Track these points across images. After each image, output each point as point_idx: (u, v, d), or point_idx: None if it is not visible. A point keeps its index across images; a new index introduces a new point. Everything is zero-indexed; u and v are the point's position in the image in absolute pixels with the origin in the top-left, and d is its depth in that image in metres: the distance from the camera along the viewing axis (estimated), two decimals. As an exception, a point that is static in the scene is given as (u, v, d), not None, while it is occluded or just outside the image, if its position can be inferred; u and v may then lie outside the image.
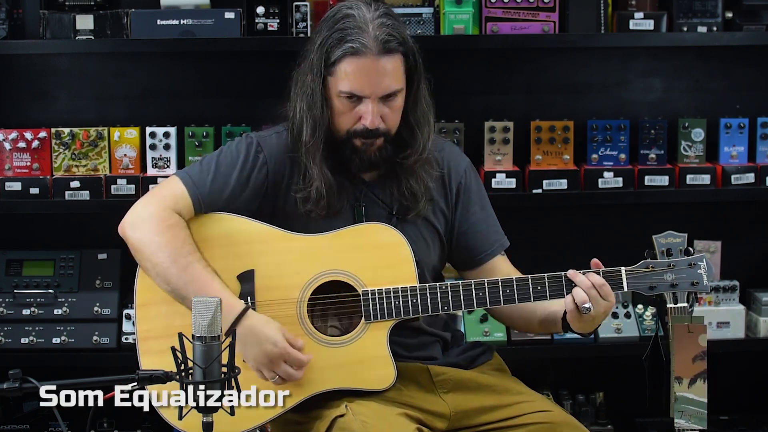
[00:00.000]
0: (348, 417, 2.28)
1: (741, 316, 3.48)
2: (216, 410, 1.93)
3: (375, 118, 2.37)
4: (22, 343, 3.29)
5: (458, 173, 2.58)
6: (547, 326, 2.52)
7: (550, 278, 2.40)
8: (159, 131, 3.32)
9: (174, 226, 2.36)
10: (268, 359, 2.30)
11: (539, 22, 3.29)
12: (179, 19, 3.21)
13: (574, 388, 3.61)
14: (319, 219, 2.45)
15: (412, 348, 2.49)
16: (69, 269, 3.38)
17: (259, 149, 2.48)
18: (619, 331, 3.43)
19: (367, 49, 2.34)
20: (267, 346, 2.29)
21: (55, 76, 3.50)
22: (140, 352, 2.39)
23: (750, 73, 3.59)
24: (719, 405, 3.52)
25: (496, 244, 2.59)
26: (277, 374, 2.32)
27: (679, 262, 2.39)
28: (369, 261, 2.40)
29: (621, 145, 3.40)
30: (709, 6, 3.35)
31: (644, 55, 3.57)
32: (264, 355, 2.30)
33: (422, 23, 3.29)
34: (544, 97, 3.57)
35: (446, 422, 2.42)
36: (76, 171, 3.30)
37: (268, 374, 2.32)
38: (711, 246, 3.54)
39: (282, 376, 2.32)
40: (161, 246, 2.33)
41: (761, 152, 3.44)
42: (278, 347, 2.30)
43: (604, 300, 2.34)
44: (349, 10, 2.39)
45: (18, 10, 3.37)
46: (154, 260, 2.34)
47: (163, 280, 2.34)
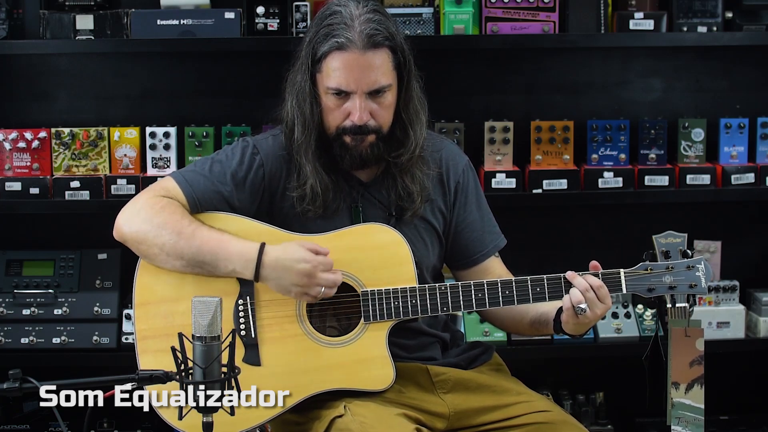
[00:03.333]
0: (347, 417, 2.28)
1: (741, 316, 3.48)
2: (216, 410, 1.94)
3: (363, 114, 2.37)
4: (22, 343, 3.29)
5: (457, 172, 2.58)
6: (538, 327, 2.52)
7: (549, 280, 2.40)
8: (159, 131, 3.32)
9: (167, 206, 2.35)
10: (307, 277, 2.29)
11: (539, 22, 3.29)
12: (179, 19, 3.21)
13: (574, 388, 3.61)
14: (316, 220, 2.45)
15: (411, 349, 2.49)
16: (69, 269, 3.38)
17: (255, 151, 2.48)
18: (619, 331, 3.43)
19: (352, 44, 2.34)
20: (300, 266, 2.28)
21: (55, 76, 3.50)
22: (139, 352, 2.39)
23: (750, 73, 3.59)
24: (719, 405, 3.53)
25: (491, 245, 2.59)
26: (322, 285, 2.30)
27: (678, 265, 2.39)
28: (368, 261, 2.40)
29: (621, 145, 3.40)
30: (709, 6, 3.35)
31: (644, 55, 3.57)
32: (301, 275, 2.28)
33: (422, 23, 3.29)
34: (544, 97, 3.57)
35: (445, 422, 2.41)
36: (76, 171, 3.31)
37: (314, 291, 2.30)
38: (711, 246, 3.54)
39: (326, 285, 2.30)
40: (161, 226, 2.33)
41: (761, 152, 3.44)
42: (310, 261, 2.29)
43: (600, 302, 2.34)
44: (337, 8, 2.39)
45: (18, 10, 3.38)
46: (160, 242, 2.33)
47: (176, 257, 2.32)
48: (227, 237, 2.33)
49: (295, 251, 2.30)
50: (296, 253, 2.30)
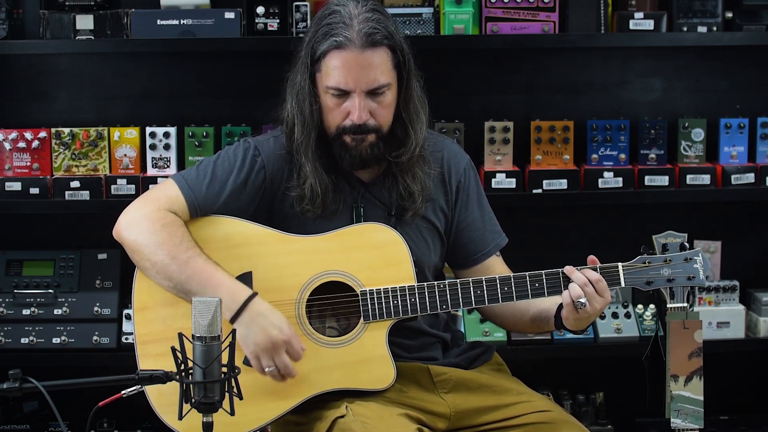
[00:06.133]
0: (348, 417, 2.28)
1: (741, 316, 3.48)
2: (216, 410, 1.94)
3: (362, 113, 2.37)
4: (22, 343, 3.29)
5: (458, 172, 2.58)
6: (539, 324, 2.52)
7: (547, 275, 2.40)
8: (159, 131, 3.32)
9: (170, 225, 2.35)
10: (272, 345, 2.27)
11: (539, 22, 3.29)
12: (179, 19, 3.21)
13: (574, 388, 3.60)
14: (316, 220, 2.45)
15: (412, 349, 2.49)
16: (69, 269, 3.38)
17: (256, 153, 2.48)
18: (619, 331, 3.43)
19: (351, 43, 2.34)
20: (273, 332, 2.27)
21: (55, 76, 3.50)
22: (139, 356, 2.38)
23: (750, 73, 3.59)
24: (719, 405, 3.53)
25: (492, 244, 2.59)
26: (275, 364, 2.29)
27: (676, 257, 2.40)
28: (367, 261, 2.40)
29: (621, 145, 3.40)
30: (709, 6, 3.35)
31: (644, 55, 3.57)
32: (268, 340, 2.27)
33: (422, 23, 3.29)
34: (544, 97, 3.57)
35: (446, 422, 2.41)
36: (76, 171, 3.31)
37: (266, 362, 2.29)
38: (711, 246, 3.54)
39: (279, 367, 2.29)
40: (158, 244, 2.33)
41: (761, 152, 3.44)
42: (284, 333, 2.28)
43: (599, 296, 2.34)
44: (336, 7, 2.40)
45: (18, 10, 3.37)
46: (153, 259, 2.33)
47: (164, 278, 2.33)
48: (221, 274, 2.32)
49: (278, 318, 2.29)
50: (277, 320, 2.29)
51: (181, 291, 2.33)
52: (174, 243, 2.33)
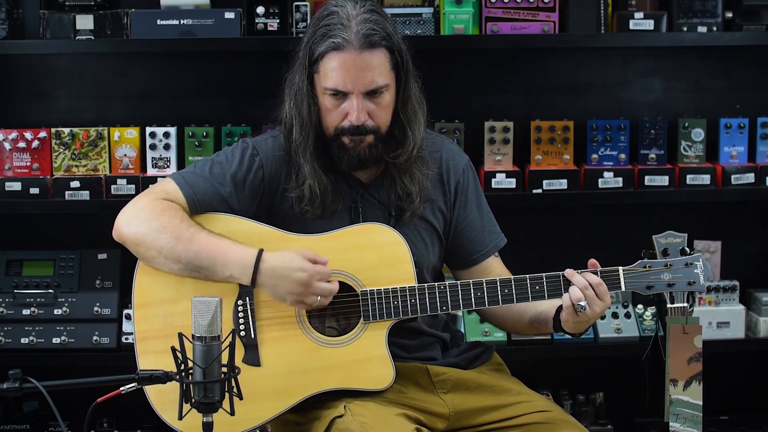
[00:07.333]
0: (347, 417, 2.28)
1: (741, 316, 3.48)
2: (216, 410, 1.94)
3: (360, 114, 2.37)
4: (22, 343, 3.29)
5: (457, 172, 2.58)
6: (537, 326, 2.52)
7: (548, 278, 2.40)
8: (159, 131, 3.32)
9: (167, 209, 2.35)
10: (303, 286, 2.28)
11: (539, 22, 3.29)
12: (179, 19, 3.21)
13: (574, 388, 3.61)
14: (315, 220, 2.45)
15: (411, 349, 2.49)
16: (69, 269, 3.38)
17: (254, 152, 2.48)
18: (619, 331, 3.43)
19: (349, 44, 2.34)
20: (297, 275, 2.27)
21: (55, 76, 3.50)
22: (138, 353, 2.38)
23: (750, 73, 3.59)
24: (719, 405, 3.53)
25: (491, 245, 2.59)
26: (317, 295, 2.29)
27: (676, 262, 2.40)
28: (367, 261, 2.40)
29: (621, 145, 3.40)
30: (709, 6, 3.35)
31: (644, 55, 3.57)
32: (298, 284, 2.27)
33: (422, 23, 3.29)
34: (544, 97, 3.57)
35: (446, 422, 2.41)
36: (76, 171, 3.31)
37: (310, 300, 2.30)
38: (711, 246, 3.54)
39: (321, 294, 2.30)
40: (160, 230, 2.32)
41: (761, 152, 3.44)
42: (307, 270, 2.28)
43: (600, 300, 2.34)
44: (334, 8, 2.39)
45: (18, 10, 3.38)
46: (158, 245, 2.32)
47: (174, 261, 2.32)
48: (226, 242, 2.32)
49: (292, 259, 2.29)
50: (293, 262, 2.29)
51: (193, 269, 2.32)
52: (175, 224, 2.32)
